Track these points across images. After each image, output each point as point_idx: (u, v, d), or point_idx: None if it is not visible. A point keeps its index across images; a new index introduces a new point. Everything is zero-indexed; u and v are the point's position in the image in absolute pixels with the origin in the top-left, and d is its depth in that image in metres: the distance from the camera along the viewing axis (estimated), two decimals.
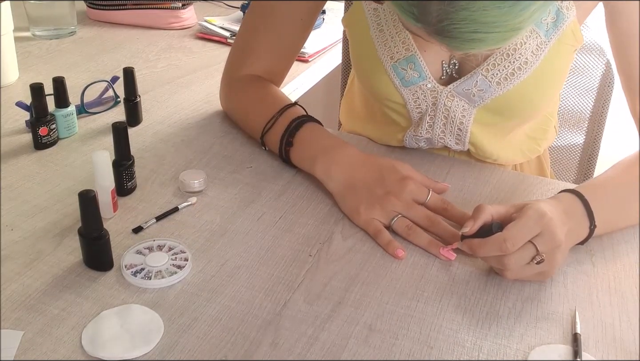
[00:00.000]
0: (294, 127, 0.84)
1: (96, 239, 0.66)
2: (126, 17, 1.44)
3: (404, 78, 0.84)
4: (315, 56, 1.31)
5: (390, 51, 0.84)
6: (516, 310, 0.64)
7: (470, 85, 0.82)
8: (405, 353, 0.59)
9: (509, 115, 0.86)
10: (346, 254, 0.71)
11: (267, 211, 0.78)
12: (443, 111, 0.85)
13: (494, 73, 0.81)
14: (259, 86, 0.94)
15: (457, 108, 0.85)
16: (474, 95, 0.83)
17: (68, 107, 0.91)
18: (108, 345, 0.57)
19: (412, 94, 0.85)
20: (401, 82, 0.85)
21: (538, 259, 0.65)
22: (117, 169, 0.77)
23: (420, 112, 0.87)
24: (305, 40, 0.97)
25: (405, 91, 0.85)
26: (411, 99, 0.86)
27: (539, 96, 0.84)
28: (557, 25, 0.80)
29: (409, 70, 0.84)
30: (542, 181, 0.87)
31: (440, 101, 0.85)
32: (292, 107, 0.88)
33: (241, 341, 0.59)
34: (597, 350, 0.60)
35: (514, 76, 0.81)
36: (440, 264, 0.70)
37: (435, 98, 0.85)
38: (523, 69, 0.81)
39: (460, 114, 0.85)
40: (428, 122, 0.87)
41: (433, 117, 0.86)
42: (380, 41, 0.85)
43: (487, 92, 0.82)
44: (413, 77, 0.84)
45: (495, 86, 0.82)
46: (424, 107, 0.86)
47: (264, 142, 0.89)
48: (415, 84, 0.84)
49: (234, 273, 0.68)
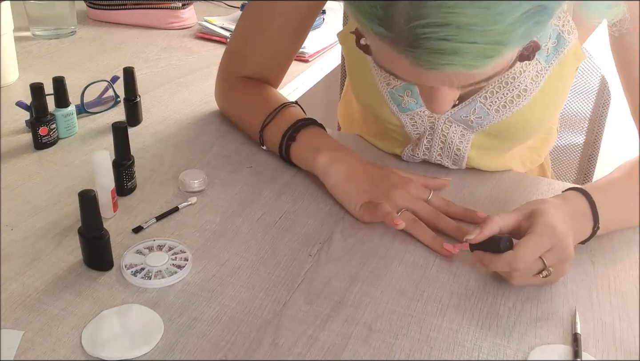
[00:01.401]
0: (299, 126, 0.84)
1: (96, 239, 0.66)
2: (126, 17, 1.44)
3: (401, 105, 0.83)
4: (315, 56, 1.31)
5: (387, 78, 0.83)
6: (516, 310, 0.64)
7: (468, 112, 0.81)
8: (405, 353, 0.59)
9: (508, 139, 0.85)
10: (346, 254, 0.71)
11: (267, 211, 0.78)
12: (440, 136, 0.84)
13: (492, 100, 0.79)
14: (255, 86, 0.93)
15: (454, 134, 0.84)
16: (472, 122, 0.82)
17: (68, 107, 0.91)
18: (108, 345, 0.57)
19: (410, 118, 0.84)
20: (398, 108, 0.84)
21: (545, 273, 0.64)
22: (117, 169, 0.77)
23: (419, 134, 0.86)
24: (302, 42, 0.95)
25: (403, 116, 0.84)
26: (409, 123, 0.85)
27: (539, 120, 0.83)
28: (558, 51, 0.78)
29: (405, 97, 0.82)
30: (542, 181, 0.87)
31: (438, 127, 0.84)
32: (292, 105, 0.88)
33: (241, 341, 0.59)
34: (597, 350, 0.60)
35: (513, 104, 0.79)
36: (440, 264, 0.70)
37: (432, 123, 0.84)
38: (522, 96, 0.79)
39: (458, 140, 0.84)
40: (425, 145, 0.86)
41: (430, 141, 0.85)
42: (376, 67, 0.83)
43: (485, 119, 0.81)
44: (410, 104, 0.83)
45: (494, 113, 0.80)
46: (421, 130, 0.85)
47: (262, 138, 0.89)
48: (412, 110, 0.83)
49: (234, 273, 0.68)
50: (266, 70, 0.94)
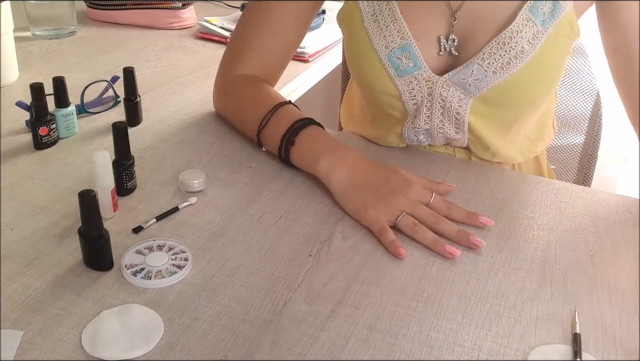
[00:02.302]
0: (297, 128, 0.84)
1: (96, 239, 0.66)
2: (126, 17, 1.44)
3: (399, 67, 0.85)
4: (315, 56, 1.31)
5: (385, 40, 0.85)
6: (516, 310, 0.64)
7: (466, 74, 0.83)
8: (405, 353, 0.59)
9: (505, 105, 0.86)
10: (346, 254, 0.71)
11: (267, 211, 0.78)
12: (439, 101, 0.86)
13: (489, 62, 0.81)
14: (253, 85, 0.94)
15: (453, 98, 0.85)
16: (469, 85, 0.83)
17: (68, 107, 0.91)
18: (108, 345, 0.57)
19: (407, 84, 0.86)
20: (396, 72, 0.85)
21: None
22: (117, 169, 0.77)
23: (416, 104, 0.87)
24: (301, 40, 0.96)
25: (400, 82, 0.86)
26: (406, 90, 0.86)
27: (535, 87, 0.85)
28: (554, 15, 0.81)
29: (403, 59, 0.84)
30: (542, 181, 0.87)
31: (436, 91, 0.85)
32: (287, 105, 0.88)
33: (241, 341, 0.59)
34: (597, 350, 0.60)
35: (510, 65, 0.81)
36: (440, 264, 0.70)
37: (430, 88, 0.85)
38: (519, 57, 0.81)
39: (457, 104, 0.85)
40: (426, 113, 0.87)
41: (430, 108, 0.87)
42: (375, 31, 0.86)
43: (482, 81, 0.83)
44: (408, 67, 0.85)
45: (491, 75, 0.82)
46: (419, 98, 0.86)
47: (260, 141, 0.89)
48: (410, 73, 0.85)
49: (234, 273, 0.68)
50: (264, 69, 0.95)
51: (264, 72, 0.95)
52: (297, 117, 0.85)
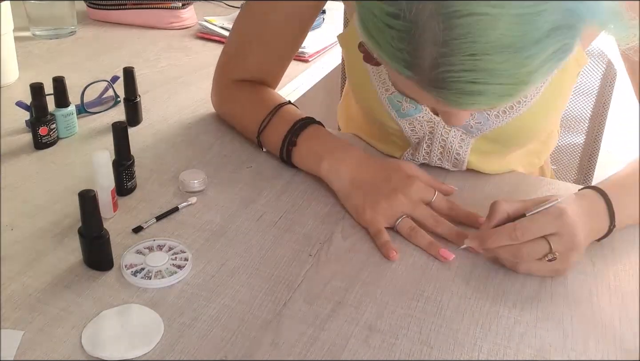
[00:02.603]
0: (298, 128, 0.83)
1: (96, 239, 0.66)
2: (126, 17, 1.44)
3: (400, 110, 0.83)
4: (315, 56, 1.31)
5: (385, 84, 0.82)
6: (516, 310, 0.64)
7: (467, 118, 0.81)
8: (405, 353, 0.59)
9: (508, 144, 0.84)
10: (346, 254, 0.71)
11: (267, 211, 0.78)
12: (440, 141, 0.84)
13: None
14: (252, 88, 0.92)
15: (454, 139, 0.83)
16: (471, 127, 0.81)
17: (68, 107, 0.91)
18: (108, 345, 0.57)
19: (409, 123, 0.84)
20: (397, 114, 0.83)
21: (550, 257, 0.64)
22: (117, 169, 0.77)
23: (418, 138, 0.86)
24: (301, 44, 0.94)
25: (402, 121, 0.84)
26: (408, 128, 0.84)
27: (539, 125, 0.83)
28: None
29: (404, 103, 0.82)
30: (542, 181, 0.87)
31: (437, 132, 0.83)
32: (286, 105, 0.87)
33: (241, 341, 0.59)
34: (597, 350, 0.60)
35: (513, 110, 0.79)
36: (441, 264, 0.70)
37: (432, 128, 0.84)
38: (523, 102, 0.78)
39: (458, 145, 0.84)
40: (425, 150, 0.86)
41: (430, 145, 0.85)
42: (375, 73, 0.83)
43: (485, 124, 0.80)
44: (409, 110, 0.82)
45: (494, 118, 0.80)
46: (421, 134, 0.85)
47: (260, 142, 0.88)
48: (411, 115, 0.83)
49: (234, 273, 0.68)
50: (264, 72, 0.93)
51: (262, 78, 0.93)
52: (297, 117, 0.85)
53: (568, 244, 0.65)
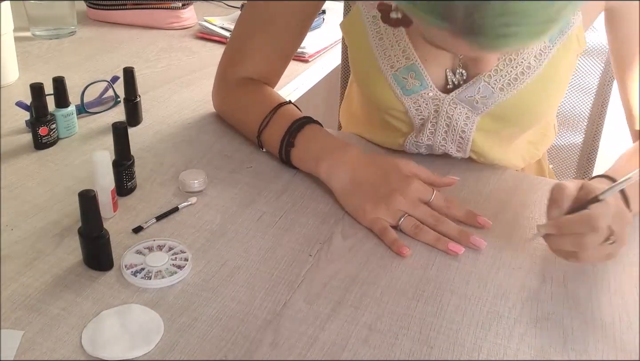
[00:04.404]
0: (295, 129, 0.83)
1: (96, 239, 0.66)
2: (126, 17, 1.44)
3: (405, 87, 0.83)
4: (315, 56, 1.31)
5: (390, 60, 0.83)
6: (516, 310, 0.64)
7: (473, 92, 0.81)
8: (405, 353, 0.59)
9: (512, 122, 0.85)
10: (346, 254, 0.71)
11: (267, 211, 0.78)
12: (445, 119, 0.84)
13: (496, 79, 0.80)
14: (253, 87, 0.93)
15: (459, 116, 0.84)
16: (477, 102, 0.82)
17: (68, 107, 0.91)
18: (108, 345, 0.57)
19: (414, 102, 0.84)
20: (402, 91, 0.84)
21: (612, 239, 0.64)
22: (117, 169, 0.77)
23: (422, 119, 0.86)
24: (301, 42, 0.95)
25: (407, 100, 0.84)
26: (412, 107, 0.85)
27: (542, 102, 0.84)
28: (563, 31, 0.79)
29: (409, 79, 0.82)
30: (542, 181, 0.87)
31: (443, 109, 0.84)
32: (286, 105, 0.88)
33: (241, 341, 0.59)
34: (597, 349, 0.60)
35: (517, 81, 0.80)
36: (440, 264, 0.70)
37: (437, 106, 0.84)
38: (526, 73, 0.80)
39: (463, 122, 0.84)
40: (429, 129, 0.86)
41: (435, 125, 0.85)
42: (380, 50, 0.84)
43: (490, 98, 0.81)
44: (414, 86, 0.83)
45: (499, 92, 0.81)
46: (425, 114, 0.85)
47: (260, 142, 0.89)
48: (416, 92, 0.83)
49: (234, 273, 0.68)
50: (265, 70, 0.94)
51: (263, 76, 0.94)
52: (294, 117, 0.85)
53: (623, 223, 0.65)
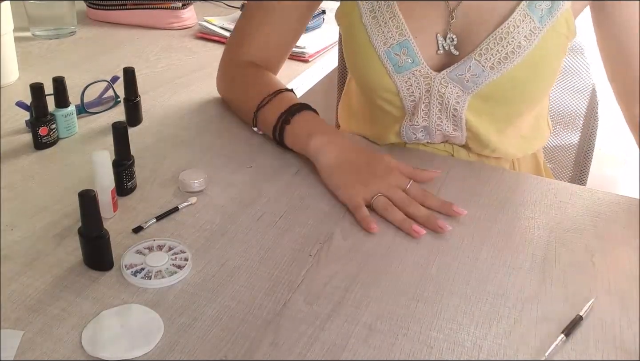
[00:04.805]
0: (293, 111, 0.87)
1: (96, 239, 0.66)
2: (126, 17, 1.44)
3: (397, 64, 0.86)
4: (315, 56, 1.31)
5: (384, 36, 0.86)
6: (516, 310, 0.64)
7: (463, 70, 0.84)
8: (405, 353, 0.59)
9: (502, 102, 0.87)
10: (346, 254, 0.71)
11: (267, 211, 0.78)
12: (437, 98, 0.87)
13: (487, 57, 0.82)
14: (257, 71, 0.97)
15: (451, 95, 0.86)
16: (467, 80, 0.84)
17: (68, 107, 0.91)
18: (108, 345, 0.57)
19: (405, 81, 0.87)
20: (394, 69, 0.86)
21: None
22: (117, 169, 0.77)
23: (414, 101, 0.88)
24: (301, 33, 1.00)
25: (398, 78, 0.87)
26: (404, 86, 0.87)
27: (532, 83, 0.85)
28: (552, 13, 0.82)
29: (402, 55, 0.85)
30: (542, 181, 0.88)
31: (434, 88, 0.86)
32: (288, 91, 0.92)
33: (241, 341, 0.59)
34: (597, 349, 0.60)
35: (507, 60, 0.82)
36: (440, 264, 0.70)
37: (428, 85, 0.86)
38: (516, 52, 0.82)
39: (455, 101, 0.86)
40: (423, 110, 0.88)
41: (428, 105, 0.87)
42: (374, 27, 0.87)
43: (480, 77, 0.83)
44: (406, 63, 0.86)
45: (489, 70, 0.83)
46: (417, 95, 0.87)
47: (256, 120, 0.91)
48: (408, 69, 0.86)
49: (234, 273, 0.68)
50: (269, 55, 0.98)
51: (265, 61, 0.98)
52: (294, 102, 0.89)
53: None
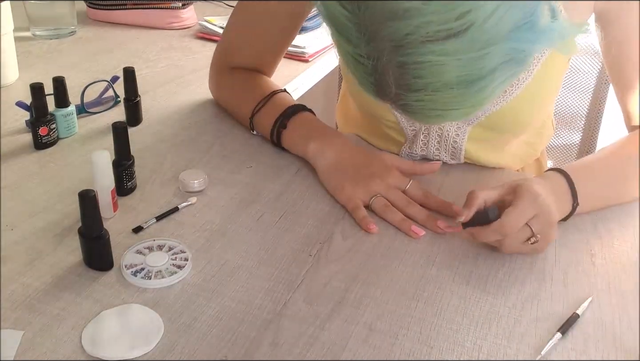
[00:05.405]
0: (289, 114, 0.86)
1: (96, 239, 0.66)
2: (126, 17, 1.44)
3: None
4: (315, 56, 1.31)
5: None
6: (516, 310, 0.64)
7: None
8: (405, 353, 0.59)
9: (503, 130, 0.86)
10: (346, 254, 0.71)
11: (267, 211, 0.78)
12: (437, 130, 0.86)
13: None
14: (248, 75, 0.96)
15: (450, 126, 0.85)
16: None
17: (68, 107, 0.91)
18: (108, 345, 0.57)
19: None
20: None
21: (533, 240, 0.68)
22: (117, 169, 0.77)
23: (415, 130, 0.87)
24: (292, 40, 0.97)
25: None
26: (404, 118, 0.86)
27: (533, 110, 0.84)
28: None
29: None
30: None
31: None
32: (281, 92, 0.91)
33: (241, 341, 0.59)
34: (597, 349, 0.60)
35: (507, 93, 0.81)
36: (440, 264, 0.70)
37: None
38: (516, 85, 0.80)
39: (454, 133, 0.85)
40: (422, 140, 0.87)
41: (427, 136, 0.87)
42: None
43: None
44: None
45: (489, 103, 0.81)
46: (417, 125, 0.87)
47: (253, 124, 0.91)
48: None
49: (234, 273, 0.68)
50: (259, 59, 0.97)
51: (259, 64, 0.97)
52: (290, 103, 0.88)
53: (547, 222, 0.68)
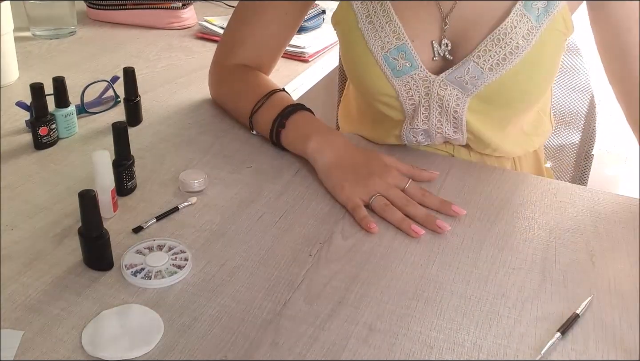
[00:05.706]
0: (287, 113, 0.87)
1: (96, 239, 0.66)
2: (126, 17, 1.44)
3: (396, 68, 0.86)
4: (315, 56, 1.31)
5: (381, 41, 0.86)
6: (516, 310, 0.64)
7: (462, 72, 0.83)
8: (405, 353, 0.59)
9: (502, 103, 0.86)
10: (346, 254, 0.71)
11: (267, 211, 0.78)
12: (437, 101, 0.86)
13: (485, 59, 0.82)
14: (247, 73, 0.96)
15: (450, 97, 0.86)
16: (466, 83, 0.84)
17: (68, 107, 0.91)
18: (108, 345, 0.57)
19: (404, 84, 0.86)
20: (393, 73, 0.86)
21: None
22: (117, 169, 0.77)
23: (414, 104, 0.88)
24: (292, 35, 0.99)
25: (397, 82, 0.86)
26: (403, 90, 0.87)
27: (531, 82, 0.85)
28: (548, 11, 0.82)
29: (400, 59, 0.85)
30: (542, 181, 0.87)
31: (433, 91, 0.86)
32: (280, 92, 0.91)
33: (241, 341, 0.59)
34: (597, 350, 0.60)
35: (506, 61, 0.82)
36: (440, 264, 0.70)
37: (427, 88, 0.86)
38: (515, 53, 0.82)
39: (454, 103, 0.86)
40: (423, 113, 0.88)
41: (428, 108, 0.87)
42: (370, 32, 0.87)
43: (479, 79, 0.83)
44: (404, 67, 0.85)
45: (488, 72, 0.82)
46: (416, 98, 0.87)
47: (252, 124, 0.91)
48: (407, 73, 0.86)
49: (234, 273, 0.68)
50: (256, 58, 0.98)
51: (257, 63, 0.98)
52: (288, 103, 0.89)
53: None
